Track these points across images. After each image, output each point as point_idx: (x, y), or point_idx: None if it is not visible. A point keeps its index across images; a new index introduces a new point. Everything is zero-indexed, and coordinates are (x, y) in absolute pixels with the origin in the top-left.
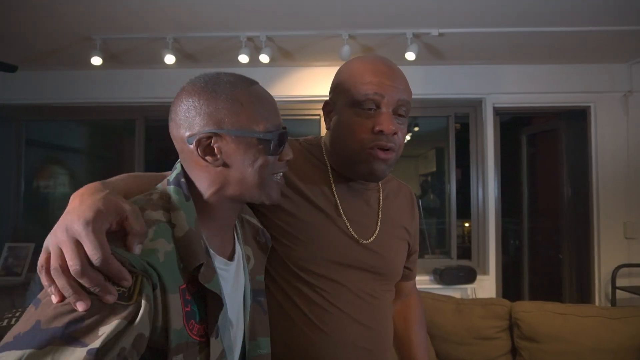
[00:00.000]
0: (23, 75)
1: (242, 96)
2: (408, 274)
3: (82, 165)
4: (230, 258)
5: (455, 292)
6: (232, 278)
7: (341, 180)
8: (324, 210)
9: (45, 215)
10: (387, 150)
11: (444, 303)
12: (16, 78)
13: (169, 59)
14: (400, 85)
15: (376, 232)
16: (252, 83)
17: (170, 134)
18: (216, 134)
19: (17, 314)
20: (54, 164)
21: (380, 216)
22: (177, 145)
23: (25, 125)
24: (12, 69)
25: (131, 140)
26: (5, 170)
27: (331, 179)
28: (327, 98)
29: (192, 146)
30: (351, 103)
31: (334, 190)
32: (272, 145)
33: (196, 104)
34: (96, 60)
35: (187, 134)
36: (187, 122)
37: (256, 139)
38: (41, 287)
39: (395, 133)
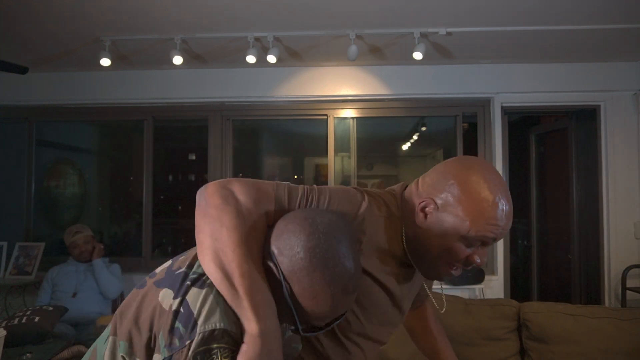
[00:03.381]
0: (33, 76)
1: (322, 297)
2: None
3: (92, 165)
4: None
5: (463, 292)
6: None
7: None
8: (390, 290)
9: (55, 215)
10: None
11: (452, 303)
12: (27, 79)
13: (177, 59)
14: (509, 225)
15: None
16: (346, 291)
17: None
18: (280, 276)
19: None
20: (64, 163)
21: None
22: None
23: (35, 126)
24: (22, 70)
25: (140, 140)
26: (16, 170)
27: (398, 263)
28: (429, 196)
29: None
30: (464, 235)
31: (399, 270)
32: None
33: (299, 256)
34: (105, 62)
35: (275, 252)
36: (282, 248)
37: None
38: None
39: None
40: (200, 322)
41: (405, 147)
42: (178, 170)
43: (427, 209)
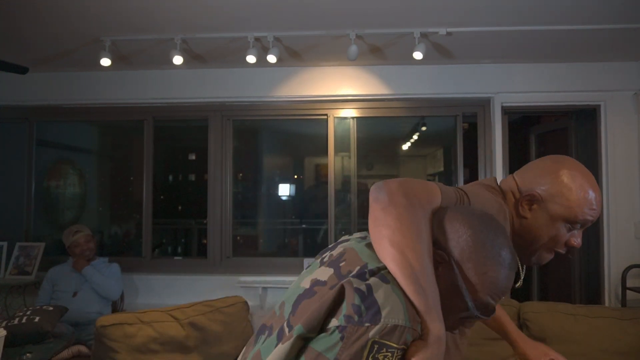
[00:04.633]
0: (34, 76)
1: (492, 272)
2: None
3: (92, 165)
4: None
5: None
6: None
7: None
8: None
9: (55, 215)
10: None
11: None
12: (27, 79)
13: (177, 59)
14: (601, 210)
15: None
16: (512, 265)
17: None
18: (449, 260)
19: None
20: (64, 164)
21: None
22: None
23: (35, 126)
24: (23, 70)
25: (140, 140)
26: (17, 170)
27: None
28: (534, 190)
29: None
30: (570, 220)
31: None
32: (471, 314)
33: (467, 234)
34: (105, 62)
35: (441, 240)
36: (448, 233)
37: (465, 302)
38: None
39: None
40: (384, 313)
41: (405, 147)
42: (178, 170)
43: (533, 200)
